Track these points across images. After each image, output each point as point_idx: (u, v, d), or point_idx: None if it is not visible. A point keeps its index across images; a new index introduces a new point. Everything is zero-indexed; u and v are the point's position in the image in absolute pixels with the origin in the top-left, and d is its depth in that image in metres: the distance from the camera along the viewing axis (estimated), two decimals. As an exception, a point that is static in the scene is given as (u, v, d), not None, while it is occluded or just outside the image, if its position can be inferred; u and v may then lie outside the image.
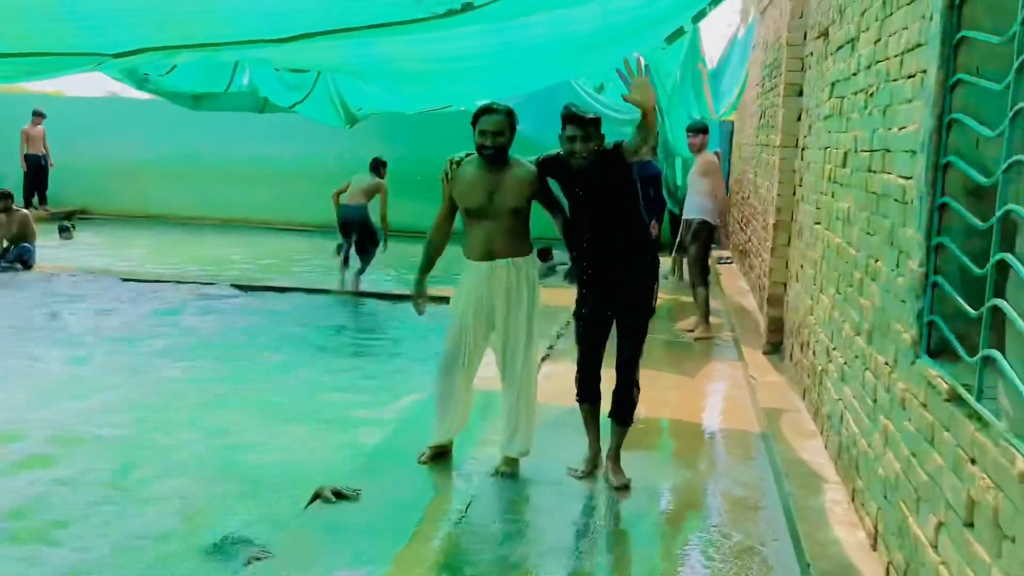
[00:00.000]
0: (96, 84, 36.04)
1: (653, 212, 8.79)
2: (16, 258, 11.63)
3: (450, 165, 4.69)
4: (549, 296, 5.10)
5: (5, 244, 11.80)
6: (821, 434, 5.23)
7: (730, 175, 14.36)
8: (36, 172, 17.40)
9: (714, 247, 9.96)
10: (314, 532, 4.06)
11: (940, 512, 2.92)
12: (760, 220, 9.53)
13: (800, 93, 7.26)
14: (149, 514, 4.71)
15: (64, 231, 15.26)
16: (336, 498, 4.25)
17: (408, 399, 6.37)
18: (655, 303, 4.72)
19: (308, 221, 17.31)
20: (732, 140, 15.63)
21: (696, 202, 8.66)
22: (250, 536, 4.25)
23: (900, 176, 3.74)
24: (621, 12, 5.41)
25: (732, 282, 11.28)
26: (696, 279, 8.52)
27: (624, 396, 4.72)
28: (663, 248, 8.55)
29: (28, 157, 17.22)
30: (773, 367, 7.01)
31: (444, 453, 4.90)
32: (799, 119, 7.21)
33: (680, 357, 7.56)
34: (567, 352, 7.46)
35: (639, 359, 4.70)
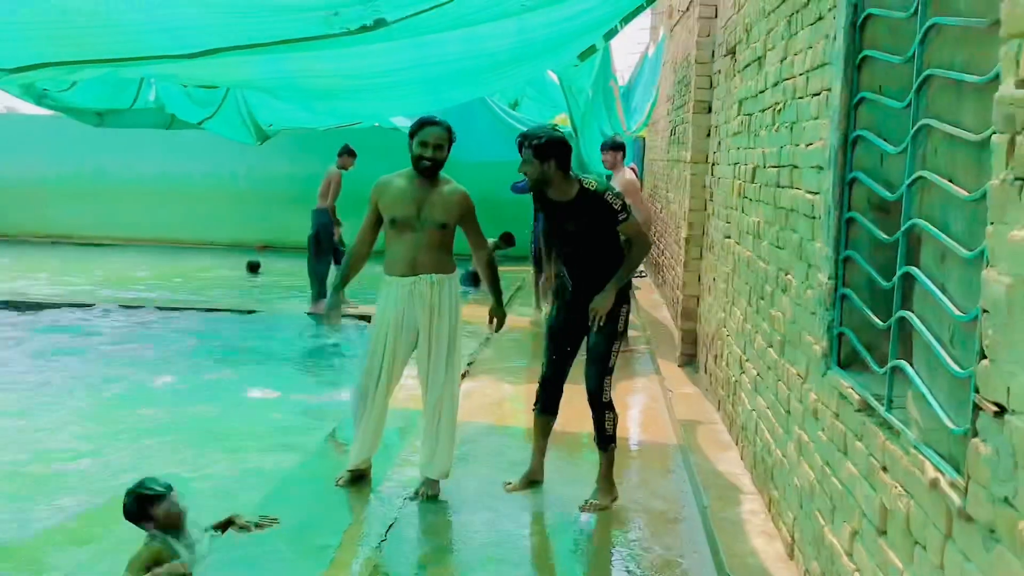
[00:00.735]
0: (-8, 100, 34.75)
1: None
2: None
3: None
4: (467, 312, 5.07)
5: None
6: (736, 445, 5.31)
7: (642, 190, 14.56)
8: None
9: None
10: (229, 560, 3.93)
11: (854, 520, 2.98)
12: (672, 234, 9.68)
13: (709, 110, 7.41)
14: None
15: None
16: (253, 528, 4.11)
17: (328, 419, 6.25)
18: (621, 326, 4.62)
19: (218, 239, 16.99)
20: (644, 156, 15.88)
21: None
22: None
23: (808, 191, 3.83)
24: (535, 29, 5.43)
25: (646, 295, 11.44)
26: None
27: (596, 422, 4.66)
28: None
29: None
30: (688, 379, 7.11)
31: (362, 475, 4.82)
32: (709, 135, 7.36)
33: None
34: (485, 369, 7.46)
35: (602, 382, 4.59)
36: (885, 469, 2.68)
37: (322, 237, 10.27)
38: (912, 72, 2.72)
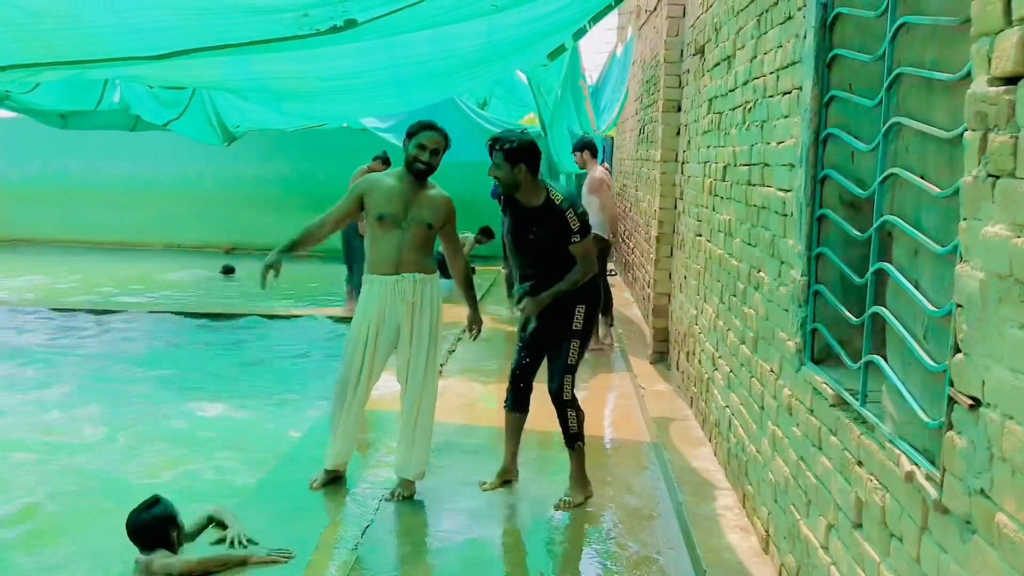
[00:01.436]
0: (-49, 102, 34.12)
1: None
2: None
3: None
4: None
5: None
6: (710, 441, 5.34)
7: (611, 190, 14.62)
8: None
9: (609, 260, 10.11)
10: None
11: (829, 514, 3.01)
12: (643, 233, 9.72)
13: (678, 109, 7.45)
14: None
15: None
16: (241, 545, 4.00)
17: (306, 424, 6.20)
18: (577, 325, 4.60)
19: (185, 241, 16.83)
20: (614, 155, 15.94)
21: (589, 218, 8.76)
22: None
23: (779, 189, 3.87)
24: (505, 29, 5.43)
25: (617, 294, 11.46)
26: None
27: (561, 421, 4.67)
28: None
29: None
30: (660, 376, 7.15)
31: (337, 477, 4.80)
32: (678, 134, 7.40)
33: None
34: (458, 369, 7.45)
35: (562, 381, 4.59)
36: (860, 463, 2.71)
37: (353, 242, 9.82)
38: (882, 70, 2.76)
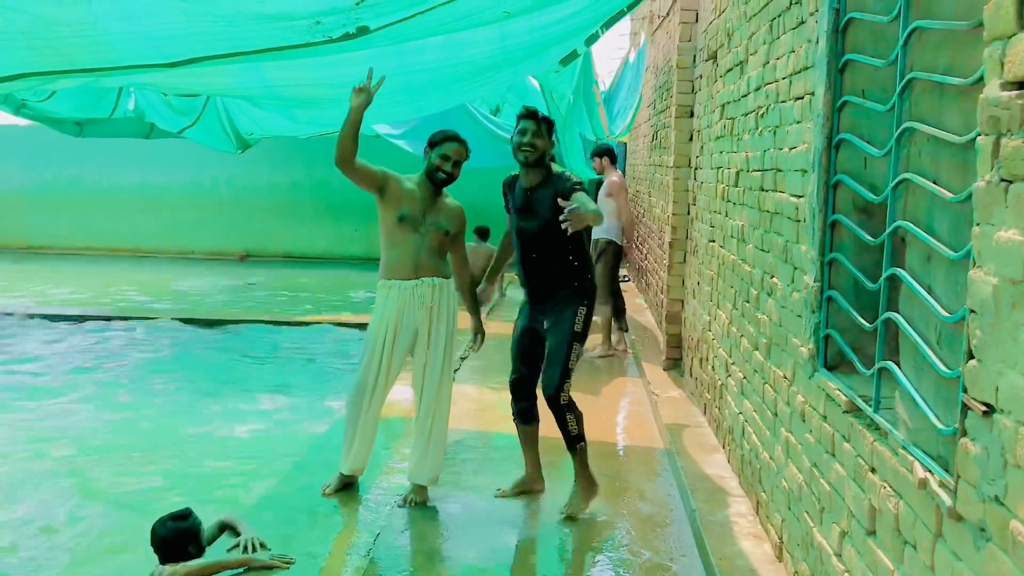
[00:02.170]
0: (-32, 110, 34.38)
1: None
2: None
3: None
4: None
5: None
6: (723, 448, 5.32)
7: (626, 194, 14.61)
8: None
9: (623, 266, 10.11)
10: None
11: (843, 521, 2.99)
12: (656, 239, 9.71)
13: (691, 114, 7.44)
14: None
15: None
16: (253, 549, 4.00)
17: (319, 429, 6.22)
18: (578, 327, 4.55)
19: (199, 249, 16.91)
20: (626, 160, 15.92)
21: (603, 223, 8.78)
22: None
23: (792, 195, 3.85)
24: (517, 35, 5.43)
25: (630, 300, 11.44)
26: (603, 298, 8.62)
27: (559, 424, 4.59)
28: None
29: None
30: (673, 383, 7.13)
31: (350, 483, 4.80)
32: (691, 140, 7.39)
33: (583, 376, 7.61)
34: (471, 374, 7.45)
35: (560, 384, 4.49)
36: (874, 470, 2.70)
37: None
38: (895, 75, 2.75)
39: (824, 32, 3.31)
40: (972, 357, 1.97)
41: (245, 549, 3.91)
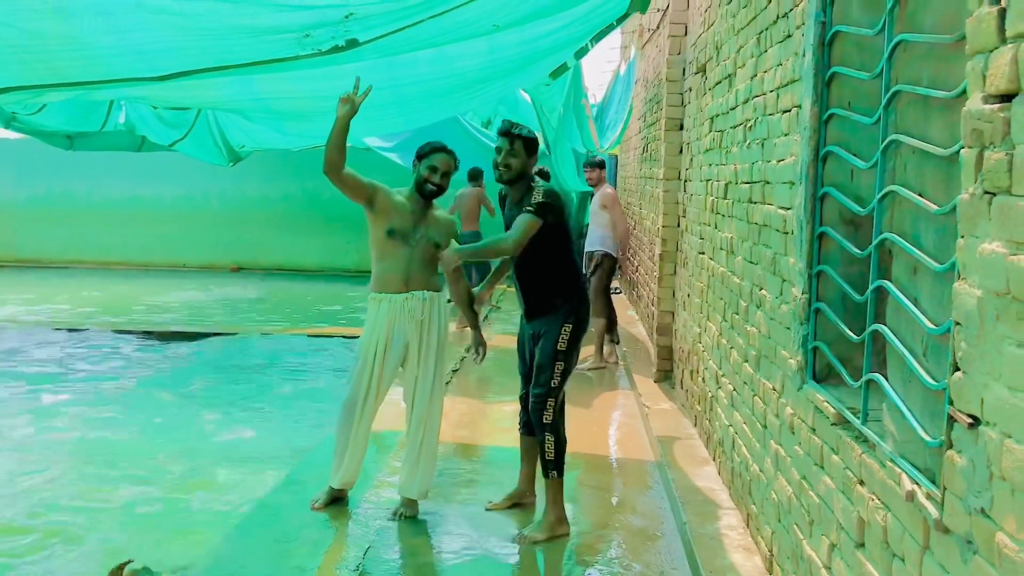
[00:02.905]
0: (-41, 123, 34.29)
1: None
2: None
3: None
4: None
5: None
6: (714, 460, 5.32)
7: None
8: None
9: (616, 278, 10.12)
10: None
11: (832, 534, 2.99)
12: (647, 251, 9.73)
13: (681, 127, 7.47)
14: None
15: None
16: None
17: (303, 442, 6.19)
18: (562, 345, 4.45)
19: (191, 262, 16.88)
20: (617, 173, 15.97)
21: (598, 235, 8.84)
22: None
23: (780, 207, 3.86)
24: (506, 48, 5.45)
25: (621, 312, 11.45)
26: (597, 311, 8.63)
27: (538, 445, 4.50)
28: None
29: None
30: (664, 395, 7.13)
31: (340, 497, 4.78)
32: (681, 152, 7.42)
33: (574, 389, 7.60)
34: (462, 387, 7.44)
35: (542, 402, 4.42)
36: (862, 482, 2.70)
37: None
38: (880, 88, 2.76)
39: (810, 45, 3.32)
40: (958, 369, 1.98)
41: None
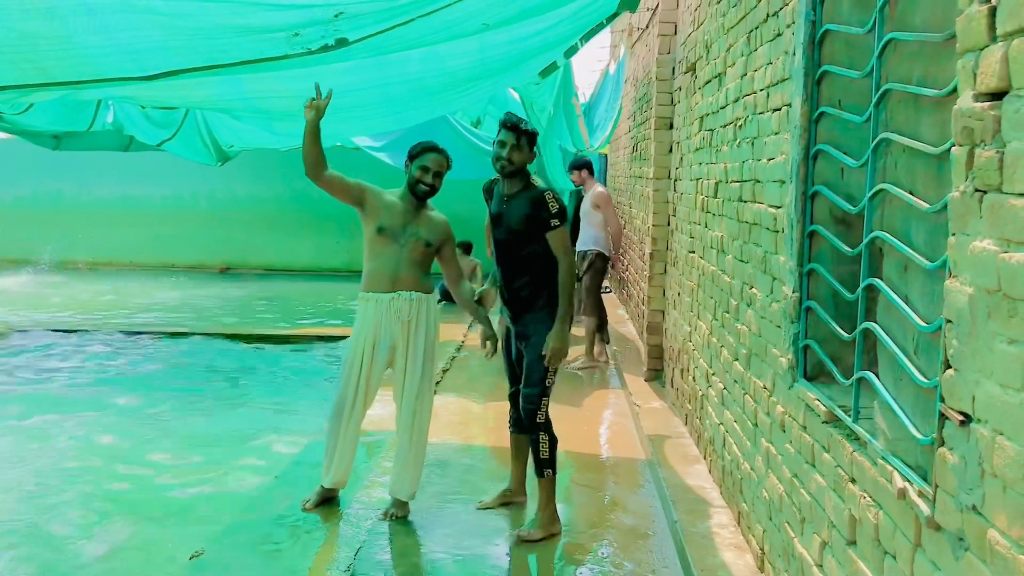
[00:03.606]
0: (-55, 123, 34.07)
1: None
2: None
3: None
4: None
5: None
6: (704, 459, 5.33)
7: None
8: None
9: (606, 278, 10.11)
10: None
11: (823, 532, 2.99)
12: (636, 250, 9.73)
13: (671, 126, 7.47)
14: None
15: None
16: None
17: (293, 443, 6.18)
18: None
19: (180, 262, 16.81)
20: (607, 172, 15.97)
21: (590, 234, 8.84)
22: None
23: (770, 205, 3.87)
24: (496, 47, 5.44)
25: (611, 311, 11.46)
26: (588, 310, 8.64)
27: (531, 445, 4.51)
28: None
29: None
30: (655, 393, 7.13)
31: (330, 497, 4.77)
32: (671, 151, 7.42)
33: (564, 387, 7.61)
34: (451, 386, 7.43)
35: (536, 402, 4.42)
36: (853, 480, 2.70)
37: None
38: (871, 86, 2.77)
39: (800, 44, 3.33)
40: (949, 367, 1.98)
41: None
